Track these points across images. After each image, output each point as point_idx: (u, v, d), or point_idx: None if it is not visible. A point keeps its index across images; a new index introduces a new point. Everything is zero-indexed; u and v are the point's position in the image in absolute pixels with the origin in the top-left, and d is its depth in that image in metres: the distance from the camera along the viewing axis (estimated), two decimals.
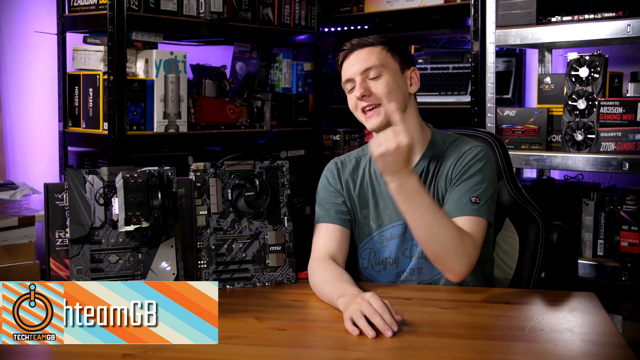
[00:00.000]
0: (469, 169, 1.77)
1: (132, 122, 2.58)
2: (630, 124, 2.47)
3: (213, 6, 2.78)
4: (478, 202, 1.73)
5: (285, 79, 3.28)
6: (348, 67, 1.82)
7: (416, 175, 1.70)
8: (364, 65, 1.79)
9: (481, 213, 1.72)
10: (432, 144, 1.85)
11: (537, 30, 2.64)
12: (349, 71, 1.82)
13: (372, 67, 1.79)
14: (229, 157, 1.85)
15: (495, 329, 1.51)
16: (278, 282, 1.83)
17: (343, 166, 1.91)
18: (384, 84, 1.79)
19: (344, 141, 3.32)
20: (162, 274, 1.69)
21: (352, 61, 1.82)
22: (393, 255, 1.83)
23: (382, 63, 1.80)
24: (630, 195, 2.48)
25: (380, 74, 1.79)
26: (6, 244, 2.49)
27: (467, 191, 1.74)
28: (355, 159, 1.93)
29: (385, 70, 1.80)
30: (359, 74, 1.80)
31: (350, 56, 1.82)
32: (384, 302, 1.46)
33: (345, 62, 1.83)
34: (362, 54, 1.81)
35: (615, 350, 1.36)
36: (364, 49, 1.81)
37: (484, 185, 1.75)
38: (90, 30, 2.64)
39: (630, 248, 2.48)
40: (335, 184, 1.88)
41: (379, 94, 1.78)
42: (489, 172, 1.79)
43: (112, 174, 1.69)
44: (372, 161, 1.89)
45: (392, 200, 1.83)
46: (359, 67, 1.80)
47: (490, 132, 2.09)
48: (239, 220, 1.82)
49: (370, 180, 1.88)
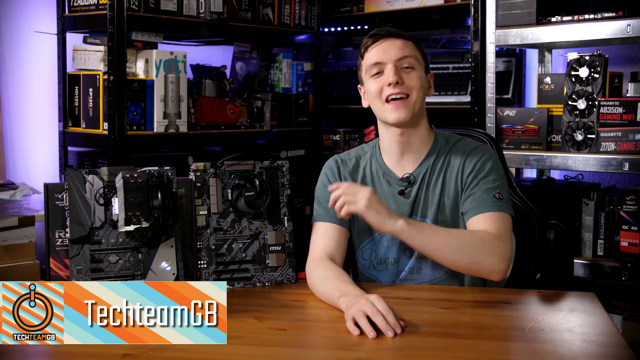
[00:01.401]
0: (483, 167, 1.78)
1: (132, 122, 2.58)
2: (630, 124, 2.47)
3: (213, 6, 2.78)
4: (501, 198, 1.75)
5: (285, 79, 3.28)
6: (380, 51, 1.79)
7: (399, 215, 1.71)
8: (401, 53, 1.78)
9: (505, 208, 1.74)
10: (436, 143, 1.85)
11: (537, 30, 2.64)
12: (381, 55, 1.78)
13: (408, 56, 1.78)
14: (229, 157, 1.85)
15: (495, 329, 1.51)
16: (278, 282, 1.83)
17: (343, 164, 1.91)
18: (416, 76, 1.78)
19: (344, 141, 3.33)
20: (162, 274, 1.69)
21: (385, 47, 1.79)
22: (394, 255, 1.83)
23: (416, 56, 1.80)
24: (630, 195, 2.48)
25: (414, 67, 1.79)
26: (6, 244, 2.49)
27: (489, 189, 1.75)
28: (355, 157, 1.92)
29: (418, 65, 1.80)
30: (394, 60, 1.77)
31: (384, 42, 1.79)
32: (388, 304, 1.46)
33: (376, 47, 1.80)
34: (398, 42, 1.79)
35: (615, 350, 1.36)
36: (399, 39, 1.80)
37: (500, 182, 1.78)
38: (90, 30, 2.64)
39: (630, 248, 2.48)
40: (336, 182, 1.88)
41: (411, 85, 1.77)
42: (501, 170, 1.83)
43: (112, 174, 1.69)
44: (372, 161, 1.89)
45: (394, 200, 1.83)
46: (395, 54, 1.77)
47: (484, 132, 2.10)
48: (239, 220, 1.82)
49: (372, 180, 1.87)
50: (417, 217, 1.82)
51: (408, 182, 1.83)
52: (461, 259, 1.68)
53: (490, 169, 1.79)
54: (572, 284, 1.96)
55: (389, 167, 1.86)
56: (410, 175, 1.83)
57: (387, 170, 1.86)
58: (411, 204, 1.82)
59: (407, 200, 1.82)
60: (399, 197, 1.83)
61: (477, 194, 1.76)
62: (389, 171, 1.86)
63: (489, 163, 1.80)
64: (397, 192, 1.83)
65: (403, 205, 1.82)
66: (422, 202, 1.82)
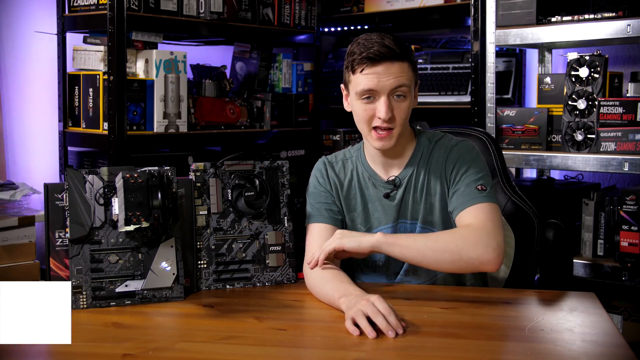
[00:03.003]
0: (463, 162, 1.77)
1: (132, 122, 2.58)
2: (630, 124, 2.47)
3: (213, 6, 2.78)
4: (484, 189, 1.74)
5: (285, 79, 3.28)
6: (375, 78, 1.69)
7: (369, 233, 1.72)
8: (396, 82, 1.70)
9: (488, 198, 1.73)
10: (419, 144, 1.84)
11: (537, 30, 2.64)
12: (376, 84, 1.70)
13: (402, 85, 1.71)
14: (229, 157, 1.85)
15: (495, 329, 1.51)
16: (278, 282, 1.83)
17: (331, 166, 1.89)
18: (405, 107, 1.73)
19: (344, 141, 3.33)
20: (162, 274, 1.69)
21: (381, 74, 1.69)
22: (383, 258, 1.83)
23: (409, 83, 1.73)
24: (630, 195, 2.48)
25: (406, 96, 1.73)
26: (6, 244, 2.49)
27: (471, 182, 1.75)
28: (342, 160, 1.91)
29: (409, 92, 1.74)
30: (388, 91, 1.70)
31: (378, 67, 1.69)
32: (389, 304, 1.46)
33: (370, 73, 1.70)
34: (394, 69, 1.70)
35: (615, 350, 1.36)
36: (395, 63, 1.69)
37: (481, 173, 1.76)
38: (90, 30, 2.64)
39: (630, 248, 2.48)
40: (325, 183, 1.87)
41: (397, 120, 1.73)
42: (483, 162, 1.81)
43: (112, 174, 1.69)
44: (357, 164, 1.88)
45: (380, 203, 1.83)
46: (391, 84, 1.70)
47: (483, 131, 2.10)
48: (239, 220, 1.82)
49: (359, 183, 1.86)
50: (406, 220, 1.81)
51: (393, 184, 1.82)
52: (444, 259, 1.65)
53: (471, 162, 1.77)
54: (572, 284, 1.96)
55: (375, 171, 1.86)
56: (396, 178, 1.83)
57: (373, 173, 1.85)
58: (397, 207, 1.82)
59: (392, 203, 1.82)
60: (385, 200, 1.83)
61: (461, 189, 1.75)
62: (374, 174, 1.85)
63: (468, 156, 1.78)
64: (383, 195, 1.83)
65: (389, 208, 1.82)
66: (410, 206, 1.81)
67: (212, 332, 1.47)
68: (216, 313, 1.60)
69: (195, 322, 1.57)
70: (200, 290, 1.77)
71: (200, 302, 1.68)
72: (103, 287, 1.65)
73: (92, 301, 1.64)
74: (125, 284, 1.66)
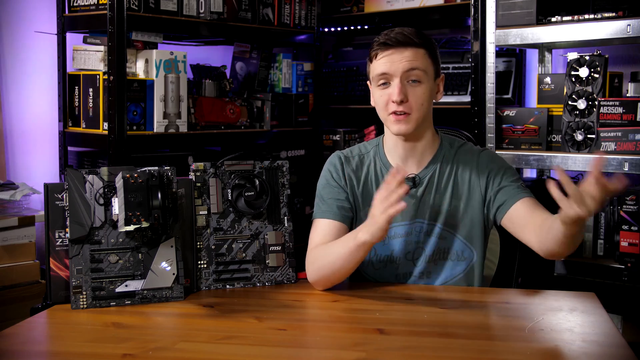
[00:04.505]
0: (500, 166, 1.84)
1: (132, 122, 2.58)
2: (630, 124, 2.47)
3: (213, 6, 2.78)
4: (526, 187, 1.81)
5: (285, 79, 3.28)
6: (388, 61, 1.74)
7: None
8: (408, 66, 1.73)
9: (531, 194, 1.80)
10: (441, 147, 1.86)
11: (537, 30, 2.64)
12: (389, 67, 1.74)
13: (416, 69, 1.74)
14: (229, 157, 1.85)
15: (495, 329, 1.51)
16: (278, 282, 1.83)
17: (347, 161, 1.89)
18: (421, 92, 1.75)
19: (344, 141, 3.32)
20: (162, 274, 1.69)
21: (394, 57, 1.74)
22: (394, 255, 1.83)
23: (425, 68, 1.76)
24: (630, 195, 2.48)
25: (421, 81, 1.75)
26: (6, 244, 2.49)
27: (513, 181, 1.81)
28: (358, 155, 1.90)
29: (425, 78, 1.76)
30: (401, 73, 1.74)
31: (393, 51, 1.74)
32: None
33: (384, 56, 1.75)
34: (407, 53, 1.74)
35: (615, 350, 1.36)
36: (409, 48, 1.74)
37: (517, 175, 1.85)
38: (90, 30, 2.64)
39: (630, 248, 2.48)
40: (339, 178, 1.86)
41: (413, 104, 1.75)
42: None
43: (112, 174, 1.69)
44: (375, 159, 1.88)
45: None
46: (403, 67, 1.74)
47: (469, 135, 2.14)
48: (239, 220, 1.82)
49: (376, 178, 1.86)
50: (424, 220, 1.81)
51: (413, 182, 1.82)
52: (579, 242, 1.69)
53: (504, 165, 1.85)
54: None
55: (393, 166, 1.86)
56: (416, 176, 1.83)
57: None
58: (415, 205, 1.82)
59: (411, 201, 1.82)
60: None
61: (506, 187, 1.80)
62: None
63: (500, 161, 1.86)
64: None
65: (407, 206, 1.82)
66: (430, 207, 1.81)
67: (212, 332, 1.48)
68: (216, 313, 1.60)
69: (195, 322, 1.57)
70: (200, 290, 1.77)
71: (200, 302, 1.68)
72: (103, 287, 1.65)
73: (92, 301, 1.64)
74: (125, 284, 1.66)
